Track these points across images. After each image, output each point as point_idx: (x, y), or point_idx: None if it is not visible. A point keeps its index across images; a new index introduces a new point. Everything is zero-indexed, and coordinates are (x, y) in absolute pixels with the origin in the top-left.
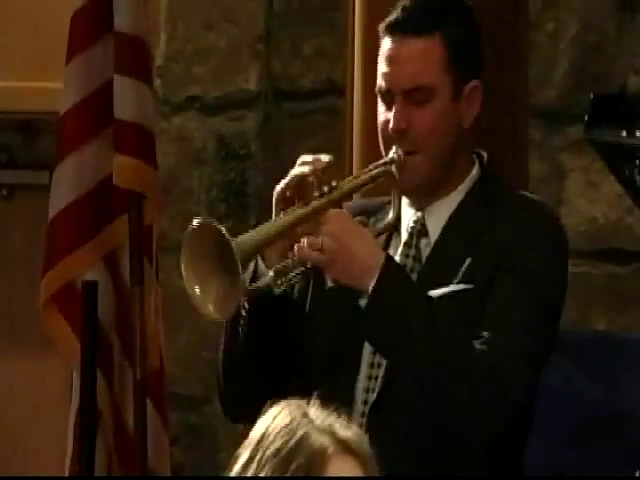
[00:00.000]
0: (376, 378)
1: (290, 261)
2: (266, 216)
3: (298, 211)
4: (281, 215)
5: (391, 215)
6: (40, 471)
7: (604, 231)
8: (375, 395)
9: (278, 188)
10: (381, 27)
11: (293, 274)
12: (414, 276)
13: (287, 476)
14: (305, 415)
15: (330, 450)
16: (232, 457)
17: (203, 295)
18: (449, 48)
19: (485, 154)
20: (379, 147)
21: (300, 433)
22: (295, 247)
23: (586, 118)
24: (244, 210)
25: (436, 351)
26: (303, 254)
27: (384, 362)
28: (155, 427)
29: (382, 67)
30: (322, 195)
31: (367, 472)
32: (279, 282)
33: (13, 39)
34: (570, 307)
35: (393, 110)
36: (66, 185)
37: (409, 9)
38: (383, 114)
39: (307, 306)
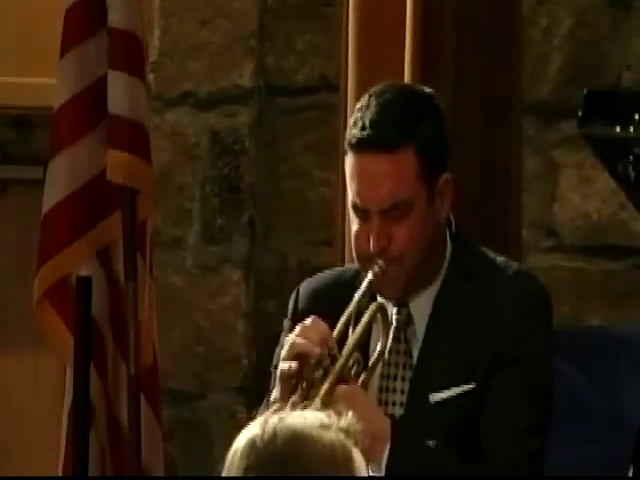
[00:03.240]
0: None
1: None
2: (260, 213)
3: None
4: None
5: (380, 344)
6: (33, 467)
7: (598, 227)
8: None
9: (282, 372)
10: (347, 141)
11: None
12: (407, 373)
13: (285, 476)
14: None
15: (349, 444)
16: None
17: None
18: (422, 156)
19: (451, 216)
20: None
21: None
22: None
23: (580, 114)
24: (238, 206)
25: None
26: None
27: None
28: (148, 423)
29: (355, 185)
30: (325, 372)
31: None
32: None
33: (6, 34)
34: (564, 303)
35: (372, 229)
36: (60, 180)
37: (378, 123)
38: (358, 228)
39: None
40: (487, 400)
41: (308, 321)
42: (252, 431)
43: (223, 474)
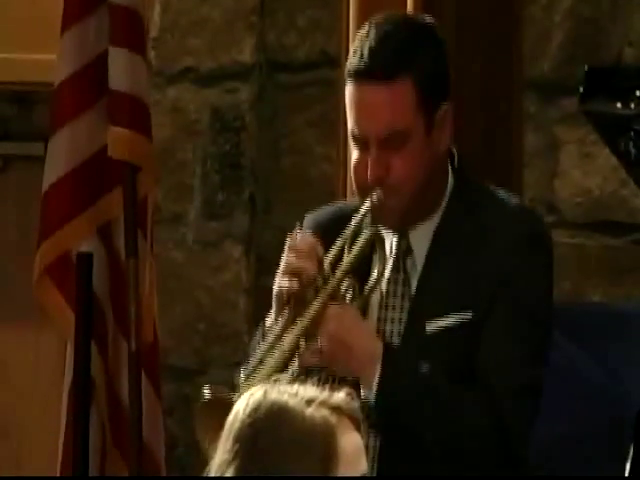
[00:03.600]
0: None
1: (292, 370)
2: (260, 190)
3: (296, 331)
4: (281, 326)
5: (376, 271)
6: (34, 443)
7: (599, 203)
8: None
9: (277, 290)
10: (347, 70)
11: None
12: (405, 303)
13: (285, 476)
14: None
15: (334, 420)
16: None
17: None
18: (420, 88)
19: (454, 150)
20: None
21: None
22: (296, 356)
23: (581, 90)
24: (238, 182)
25: (442, 431)
26: (304, 362)
27: None
28: (149, 399)
29: (353, 114)
30: (317, 290)
31: (358, 427)
32: None
33: (8, 10)
34: (565, 279)
35: (369, 158)
36: (60, 157)
37: (376, 53)
38: (357, 157)
39: None
40: (484, 330)
41: (297, 237)
42: (240, 402)
43: None
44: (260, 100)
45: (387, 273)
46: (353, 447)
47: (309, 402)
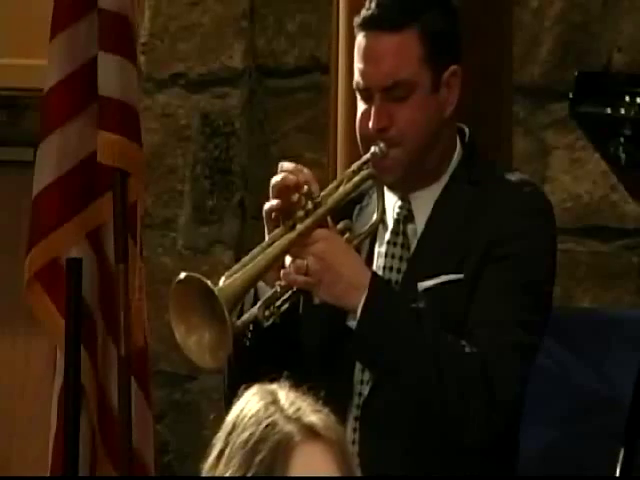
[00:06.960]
0: (367, 382)
1: (278, 288)
2: (250, 195)
3: (283, 240)
4: (268, 241)
5: (375, 217)
6: (24, 449)
7: (589, 208)
8: (364, 399)
9: (266, 207)
10: (356, 22)
11: (280, 303)
12: (403, 265)
13: (287, 476)
14: (274, 402)
15: (296, 438)
16: (209, 445)
17: (198, 347)
18: (426, 40)
19: (467, 129)
20: None
21: (266, 423)
22: (281, 273)
23: (570, 95)
24: (228, 187)
25: (425, 366)
26: (290, 279)
27: None
28: (139, 404)
29: (359, 64)
30: (307, 213)
31: (338, 455)
32: (267, 313)
33: None
34: (555, 284)
35: (373, 108)
36: (50, 162)
37: (384, 3)
38: (362, 110)
39: (300, 308)
40: (476, 291)
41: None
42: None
43: None
44: (250, 105)
45: (387, 236)
46: (306, 470)
47: (284, 412)
